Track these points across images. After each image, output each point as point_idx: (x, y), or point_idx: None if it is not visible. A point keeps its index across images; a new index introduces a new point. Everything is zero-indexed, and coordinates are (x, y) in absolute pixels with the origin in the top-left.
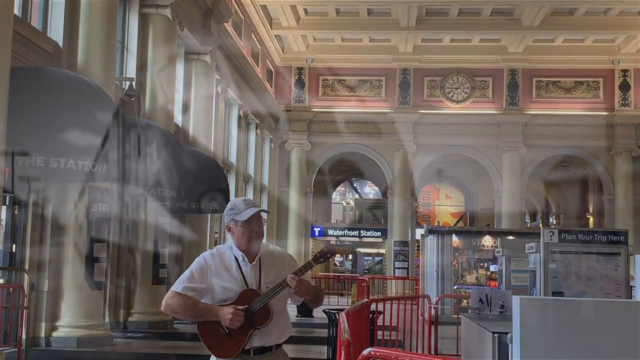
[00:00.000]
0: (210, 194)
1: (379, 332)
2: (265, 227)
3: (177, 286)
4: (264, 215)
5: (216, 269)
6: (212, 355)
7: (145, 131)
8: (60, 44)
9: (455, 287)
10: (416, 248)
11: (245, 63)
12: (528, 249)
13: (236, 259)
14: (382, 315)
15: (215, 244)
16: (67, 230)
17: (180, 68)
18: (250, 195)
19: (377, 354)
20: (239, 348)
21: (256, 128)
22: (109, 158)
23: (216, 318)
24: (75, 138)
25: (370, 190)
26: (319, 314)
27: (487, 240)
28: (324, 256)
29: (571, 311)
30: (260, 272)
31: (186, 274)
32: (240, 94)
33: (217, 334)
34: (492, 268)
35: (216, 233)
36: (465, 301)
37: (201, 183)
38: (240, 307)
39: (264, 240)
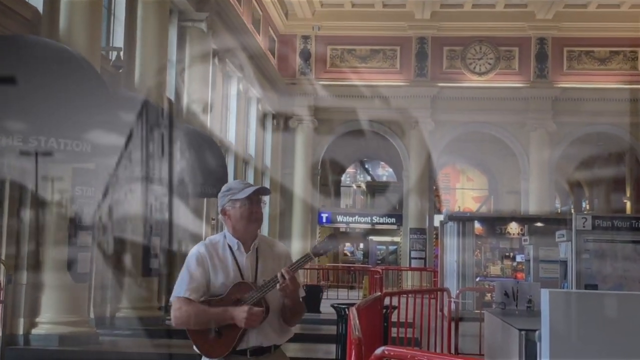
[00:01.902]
0: (207, 176)
1: (393, 330)
2: (266, 211)
3: (179, 291)
4: (265, 199)
5: (212, 260)
6: (203, 356)
7: (134, 106)
8: (40, 10)
9: (478, 279)
10: (434, 236)
11: (244, 30)
12: (558, 237)
13: (230, 248)
14: (396, 311)
15: (212, 232)
16: (47, 216)
17: (173, 37)
18: (250, 179)
19: (391, 353)
20: (229, 348)
21: (257, 103)
22: (94, 136)
23: (232, 321)
24: (56, 113)
25: (383, 172)
26: (326, 309)
27: (513, 228)
28: (324, 249)
29: (606, 306)
30: (257, 263)
31: (184, 275)
32: (240, 65)
33: (206, 332)
34: (519, 258)
35: (213, 219)
36: (488, 295)
37: (197, 164)
38: (256, 309)
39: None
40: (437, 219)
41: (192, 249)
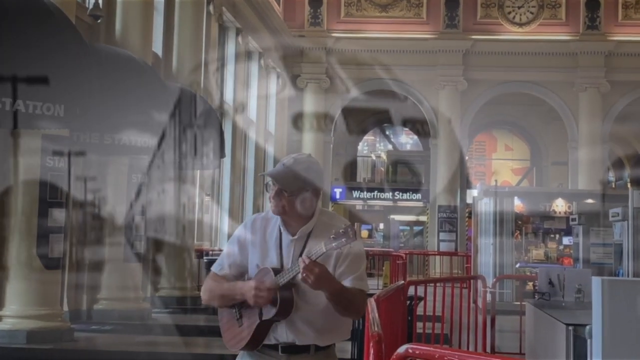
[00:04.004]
0: (201, 145)
1: (419, 325)
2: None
3: (216, 265)
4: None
5: (253, 238)
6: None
7: (115, 62)
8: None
9: (518, 265)
10: (467, 215)
11: None
12: (612, 216)
13: (280, 228)
14: (422, 302)
15: (206, 210)
16: (12, 192)
17: None
18: (251, 148)
19: (417, 352)
20: (246, 339)
21: (259, 59)
22: (66, 97)
23: (241, 297)
24: (24, 70)
25: (407, 140)
26: None
27: (560, 205)
28: (339, 242)
29: None
30: (303, 250)
31: (226, 247)
32: (239, 14)
33: (230, 318)
34: (566, 241)
35: (207, 195)
36: (530, 284)
37: (189, 130)
38: (267, 283)
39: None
40: (470, 195)
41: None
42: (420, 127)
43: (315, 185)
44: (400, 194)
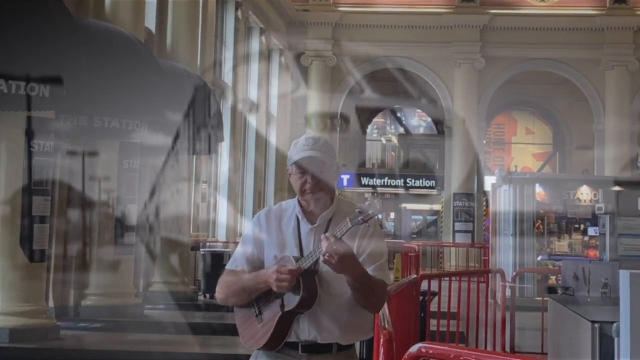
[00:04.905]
0: (197, 128)
1: (433, 322)
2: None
3: (230, 263)
4: (315, 167)
5: (269, 232)
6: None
7: (105, 39)
8: None
9: (540, 257)
10: (484, 203)
11: None
12: None
13: (297, 217)
14: (436, 298)
15: (203, 199)
16: None
17: None
18: (252, 130)
19: (430, 351)
20: (266, 335)
21: (260, 35)
22: (52, 78)
23: (265, 285)
24: (5, 47)
25: (420, 122)
26: None
27: (585, 193)
28: (365, 215)
29: None
30: None
31: (239, 246)
32: None
33: (249, 314)
34: (591, 231)
35: (204, 183)
36: (553, 278)
37: (185, 112)
38: (289, 266)
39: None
40: (489, 182)
41: (258, 213)
42: (434, 108)
43: (337, 167)
44: (413, 180)
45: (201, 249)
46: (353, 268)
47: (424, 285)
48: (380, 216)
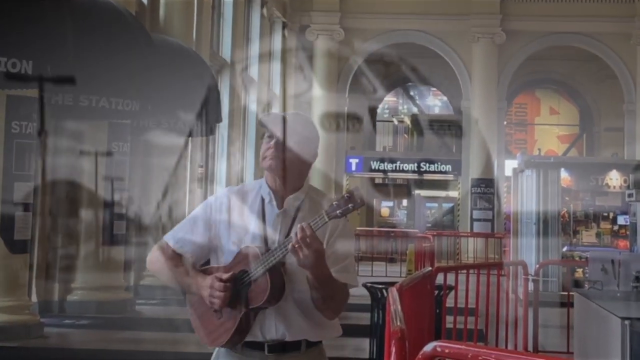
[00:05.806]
0: (193, 107)
1: (449, 318)
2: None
3: (167, 235)
4: (275, 130)
5: (227, 214)
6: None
7: (92, 10)
8: None
9: (566, 248)
10: (505, 190)
11: None
12: None
13: (262, 200)
14: (453, 292)
15: (200, 184)
16: None
17: None
18: (253, 108)
19: (446, 350)
20: (227, 333)
21: (262, 7)
22: (35, 52)
23: (196, 291)
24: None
25: (435, 102)
26: (358, 290)
27: (614, 178)
28: (344, 209)
29: None
30: (292, 224)
31: (190, 224)
32: None
33: (205, 308)
34: (621, 220)
35: (200, 167)
36: (579, 271)
37: (178, 90)
38: (224, 276)
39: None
40: (510, 166)
41: (219, 192)
42: (450, 86)
43: (315, 145)
44: (427, 165)
45: None
46: (320, 267)
47: (439, 278)
48: (391, 203)
